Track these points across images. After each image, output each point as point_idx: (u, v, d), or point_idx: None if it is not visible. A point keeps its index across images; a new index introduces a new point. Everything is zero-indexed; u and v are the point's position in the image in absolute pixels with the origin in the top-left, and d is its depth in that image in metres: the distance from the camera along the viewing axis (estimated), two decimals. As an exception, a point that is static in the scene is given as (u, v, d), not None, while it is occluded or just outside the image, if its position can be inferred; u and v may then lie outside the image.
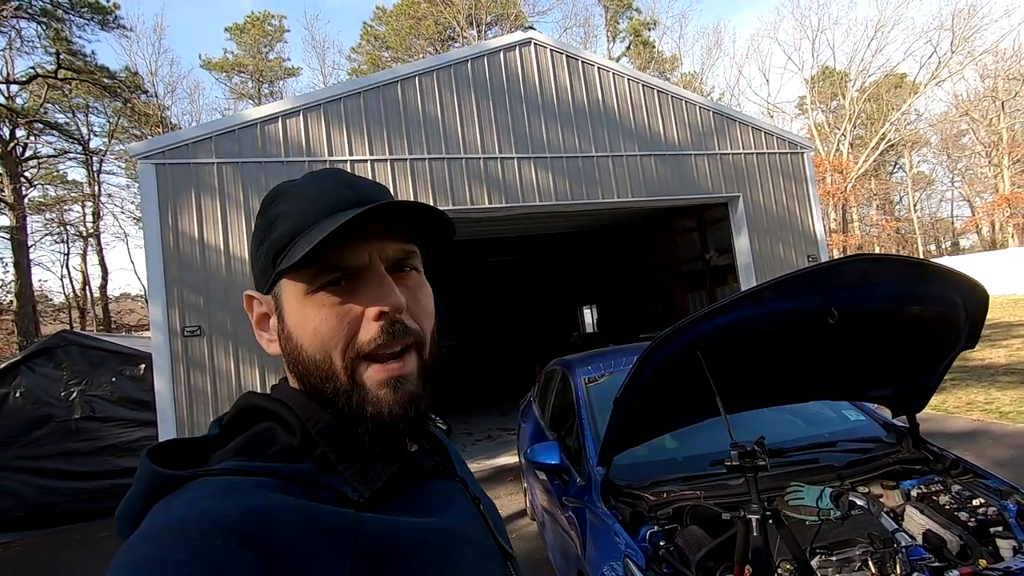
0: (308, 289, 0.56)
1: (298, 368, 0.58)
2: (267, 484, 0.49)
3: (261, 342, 0.63)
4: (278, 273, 0.57)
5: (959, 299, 1.82)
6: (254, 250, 0.62)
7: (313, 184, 0.61)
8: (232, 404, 0.60)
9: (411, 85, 6.55)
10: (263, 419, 0.58)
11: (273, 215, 0.59)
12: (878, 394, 2.28)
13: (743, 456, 1.43)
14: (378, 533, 0.50)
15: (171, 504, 0.46)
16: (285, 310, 0.58)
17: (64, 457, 6.40)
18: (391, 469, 0.57)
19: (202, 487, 0.47)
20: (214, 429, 0.59)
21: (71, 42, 20.18)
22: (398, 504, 0.56)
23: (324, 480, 0.53)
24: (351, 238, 0.55)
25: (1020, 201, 28.80)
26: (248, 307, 0.63)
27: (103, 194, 25.70)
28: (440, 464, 0.65)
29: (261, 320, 0.62)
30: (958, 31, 25.86)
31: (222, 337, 5.59)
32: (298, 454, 0.55)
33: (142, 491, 0.49)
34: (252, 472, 0.50)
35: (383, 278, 0.57)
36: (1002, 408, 6.39)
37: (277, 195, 0.61)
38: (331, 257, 0.55)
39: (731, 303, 1.69)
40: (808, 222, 8.18)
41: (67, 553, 5.59)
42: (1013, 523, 1.83)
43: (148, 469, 0.49)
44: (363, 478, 0.55)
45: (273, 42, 31.44)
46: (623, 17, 33.39)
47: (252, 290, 0.63)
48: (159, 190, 5.60)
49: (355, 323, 0.56)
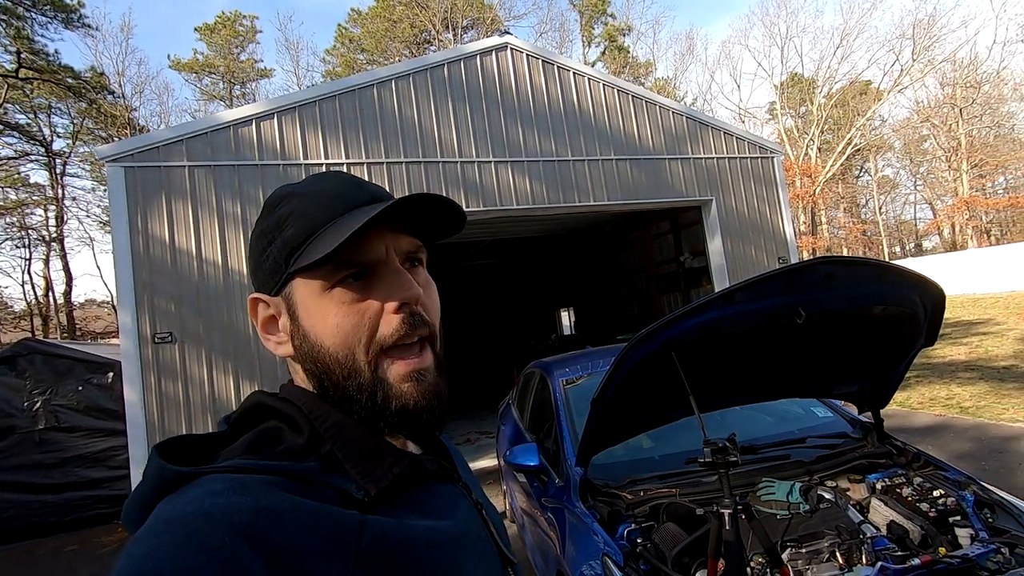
0: (326, 286, 0.57)
1: (317, 366, 0.58)
2: (273, 482, 0.49)
3: (268, 345, 0.63)
4: (291, 272, 0.58)
5: (918, 299, 1.90)
6: (259, 252, 0.61)
7: (320, 183, 0.61)
8: (239, 404, 0.61)
9: (387, 88, 6.52)
10: (271, 417, 0.58)
11: (282, 215, 0.59)
12: (844, 391, 2.37)
13: (715, 453, 1.47)
14: (382, 535, 0.50)
15: (179, 500, 0.46)
16: (300, 309, 0.59)
17: (28, 470, 6.18)
18: (398, 468, 0.57)
19: (209, 484, 0.47)
20: (222, 426, 0.59)
21: (33, 41, 19.56)
22: (402, 506, 0.56)
23: (329, 480, 0.53)
24: (369, 233, 0.56)
25: (978, 204, 29.96)
26: (253, 311, 0.63)
27: (67, 197, 24.89)
28: (444, 467, 0.66)
29: (268, 323, 0.62)
30: (919, 40, 26.82)
31: (194, 343, 5.48)
32: (304, 453, 0.55)
33: (150, 486, 0.49)
34: (258, 470, 0.50)
35: (400, 271, 0.59)
36: (963, 403, 6.65)
37: (283, 196, 0.61)
38: (350, 253, 0.56)
39: (704, 304, 1.74)
40: (779, 224, 8.38)
41: (30, 570, 5.39)
42: (971, 513, 1.91)
43: (156, 464, 0.49)
44: (369, 476, 0.55)
45: (245, 43, 30.91)
46: (598, 23, 33.78)
47: (257, 293, 0.63)
48: (128, 193, 5.47)
49: (375, 317, 0.58)
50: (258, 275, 0.62)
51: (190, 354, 5.46)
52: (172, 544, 0.41)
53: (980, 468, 4.53)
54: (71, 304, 25.30)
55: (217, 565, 0.40)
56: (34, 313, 25.45)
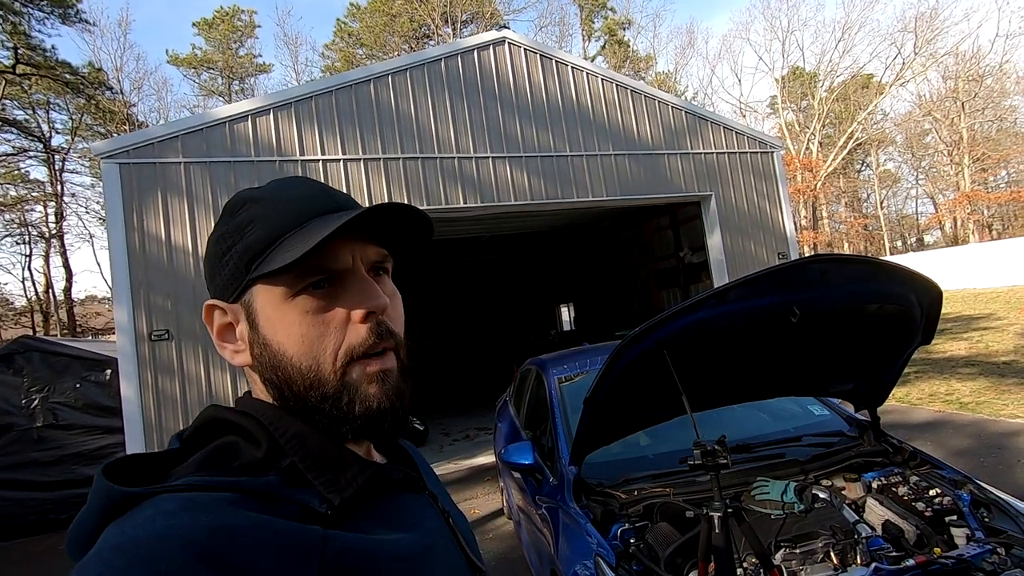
0: (288, 293, 0.55)
1: (277, 376, 0.56)
2: (230, 499, 0.47)
3: (224, 354, 0.61)
4: (251, 279, 0.56)
5: (914, 297, 1.88)
6: (217, 258, 0.59)
7: (285, 189, 0.60)
8: (196, 415, 0.59)
9: (384, 84, 6.48)
10: (227, 432, 0.56)
11: (243, 220, 0.57)
12: (840, 389, 2.35)
13: (705, 455, 1.46)
14: (346, 550, 0.49)
15: (128, 522, 0.44)
16: (260, 317, 0.57)
17: (25, 467, 6.18)
18: (362, 477, 0.56)
19: (161, 504, 0.45)
20: (174, 443, 0.57)
21: (30, 36, 19.49)
22: (367, 517, 0.55)
23: (290, 494, 0.51)
24: (336, 241, 0.55)
25: (980, 198, 29.87)
26: (208, 318, 0.61)
27: (66, 194, 24.86)
28: (409, 476, 0.64)
29: (224, 330, 0.60)
30: (921, 34, 26.68)
31: (191, 341, 5.47)
32: (263, 467, 0.53)
33: (96, 509, 0.46)
34: (214, 487, 0.48)
35: (367, 280, 0.58)
36: (962, 399, 6.63)
37: (243, 201, 0.59)
38: (316, 260, 0.54)
39: (697, 303, 1.71)
40: (779, 220, 8.35)
41: (28, 567, 5.40)
42: (967, 512, 1.90)
43: (103, 486, 0.47)
44: (333, 487, 0.53)
45: (243, 38, 30.79)
46: (598, 16, 33.61)
47: (213, 300, 0.60)
48: (124, 190, 5.45)
49: (342, 327, 0.56)
50: (215, 280, 0.60)
51: (186, 351, 5.45)
52: (122, 570, 0.39)
53: (979, 464, 4.51)
54: (71, 300, 25.33)
55: None
56: (34, 310, 25.49)
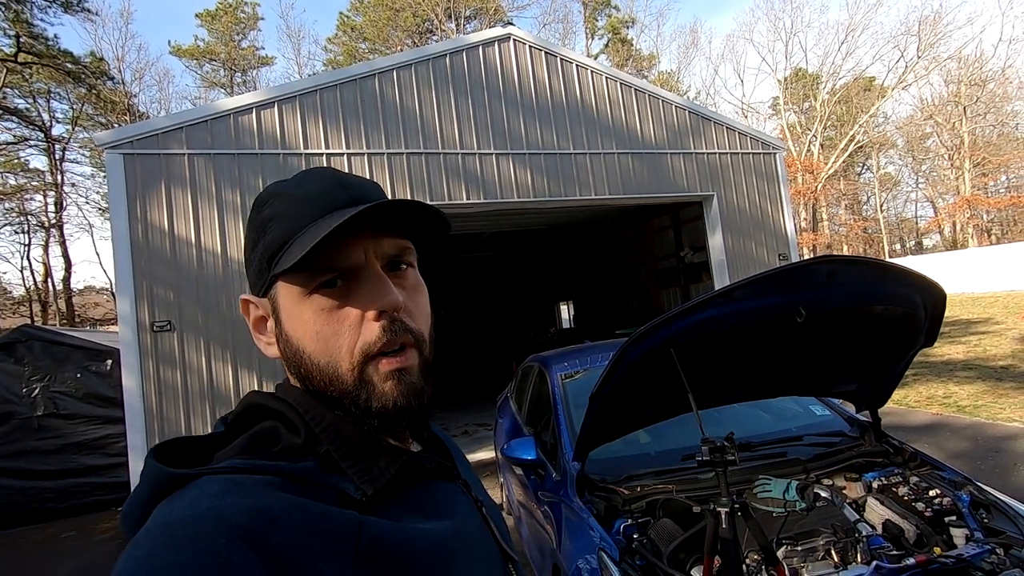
0: (304, 291, 0.56)
1: (300, 371, 0.58)
2: (271, 483, 0.49)
3: (259, 345, 0.63)
4: (273, 276, 0.57)
5: (919, 299, 1.89)
6: (248, 253, 0.61)
7: (304, 184, 0.60)
8: (237, 403, 0.60)
9: (389, 78, 6.48)
10: (267, 418, 0.58)
11: (266, 217, 0.59)
12: (843, 390, 2.36)
13: (713, 451, 1.47)
14: (381, 536, 0.50)
15: (176, 502, 0.46)
16: (282, 313, 0.58)
17: (26, 456, 6.19)
18: (394, 467, 0.57)
19: (206, 485, 0.47)
20: (219, 427, 0.59)
21: (32, 25, 19.39)
22: (400, 505, 0.56)
23: (327, 479, 0.53)
24: (345, 238, 0.55)
25: (980, 203, 29.89)
26: (244, 311, 0.63)
27: (66, 183, 24.81)
28: (443, 465, 0.65)
29: (258, 323, 0.62)
30: (924, 37, 26.65)
31: (193, 332, 5.47)
32: (301, 453, 0.54)
33: (148, 489, 0.49)
34: (256, 470, 0.49)
35: (380, 277, 0.58)
36: (960, 402, 6.66)
37: (268, 196, 0.60)
38: (326, 258, 0.55)
39: (703, 302, 1.73)
40: (780, 221, 8.36)
41: (28, 555, 5.41)
42: (966, 513, 1.92)
43: (153, 467, 0.49)
44: (366, 476, 0.55)
45: (246, 30, 30.68)
46: (601, 14, 33.53)
47: (248, 294, 0.63)
48: (127, 181, 5.44)
49: (356, 325, 0.56)
50: (248, 275, 0.62)
51: (188, 342, 5.46)
52: (170, 547, 0.41)
53: (976, 468, 4.54)
54: (70, 290, 25.29)
55: (215, 567, 0.40)
56: (33, 299, 25.44)
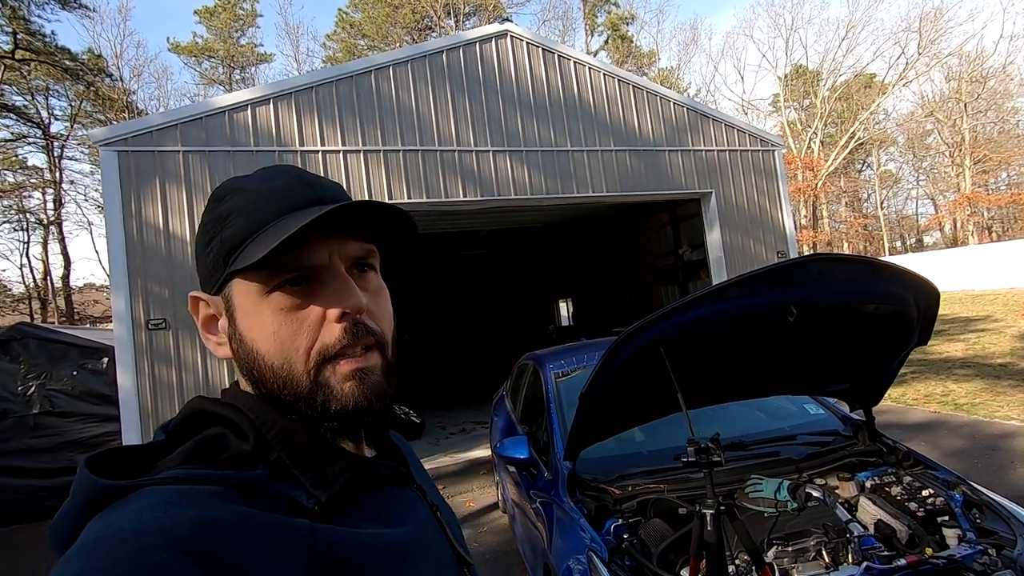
0: (263, 289, 0.54)
1: (252, 373, 0.56)
2: (217, 493, 0.46)
3: (209, 345, 0.60)
4: (230, 273, 0.55)
5: (912, 297, 1.87)
6: (202, 248, 0.58)
7: (267, 180, 0.58)
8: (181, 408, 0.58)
9: (385, 75, 6.45)
10: (213, 424, 0.55)
11: (224, 211, 0.56)
12: (836, 389, 2.35)
13: (699, 452, 1.46)
14: (334, 544, 0.49)
15: (112, 515, 0.43)
16: (237, 312, 0.56)
17: (21, 454, 6.18)
18: (348, 474, 0.55)
19: (146, 497, 0.44)
20: (159, 435, 0.56)
21: (29, 21, 19.35)
22: (355, 512, 0.55)
23: (278, 488, 0.51)
24: (311, 237, 0.53)
25: (980, 200, 29.87)
26: (194, 309, 0.60)
27: (65, 180, 24.79)
28: (397, 470, 0.64)
29: (208, 322, 0.60)
30: (925, 33, 26.58)
31: (188, 330, 5.46)
32: (250, 461, 0.52)
33: (80, 503, 0.46)
34: (200, 480, 0.47)
35: (343, 278, 0.56)
36: (957, 400, 6.65)
37: (228, 191, 0.58)
38: (290, 256, 0.53)
39: (694, 301, 1.71)
40: (779, 218, 8.34)
41: (22, 553, 5.41)
42: (959, 513, 1.90)
43: (86, 479, 0.46)
44: (320, 482, 0.53)
45: (245, 26, 30.61)
46: (601, 11, 33.43)
47: (197, 291, 0.60)
48: (122, 178, 5.42)
49: (316, 326, 0.55)
50: (200, 271, 0.60)
51: (183, 340, 5.45)
52: (106, 563, 0.38)
53: (972, 466, 4.53)
54: (69, 288, 25.30)
55: None
56: (32, 297, 25.44)
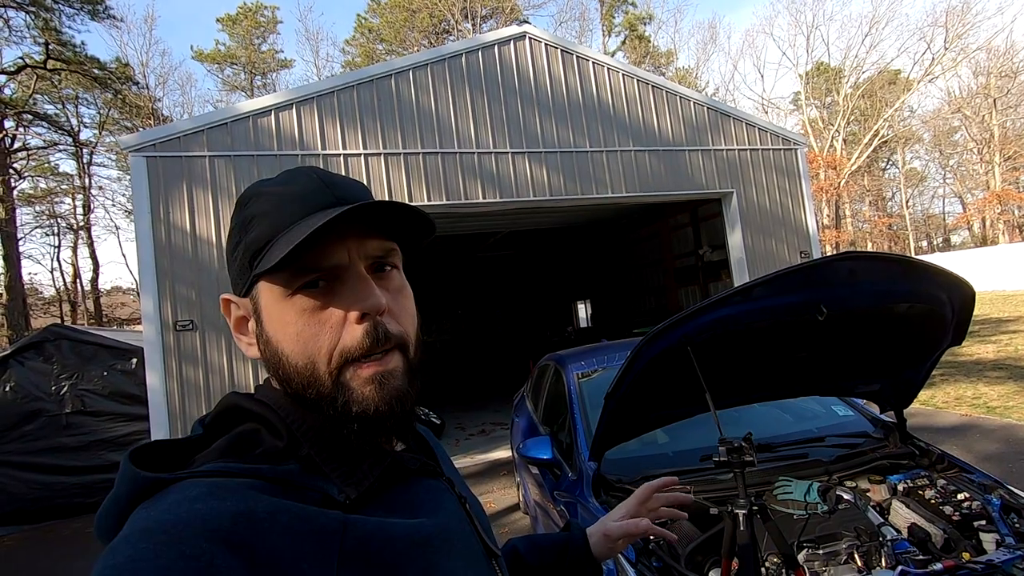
0: (286, 292, 0.55)
1: (279, 373, 0.57)
2: (253, 486, 0.48)
3: (240, 346, 0.62)
4: (255, 276, 0.56)
5: (946, 296, 1.83)
6: (230, 252, 0.60)
7: (288, 183, 0.59)
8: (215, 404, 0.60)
9: (405, 78, 6.51)
10: (247, 420, 0.57)
11: (248, 216, 0.58)
12: (866, 390, 2.30)
13: (731, 452, 1.44)
14: (365, 535, 0.50)
15: (154, 507, 0.45)
16: (263, 314, 0.57)
17: (54, 452, 6.37)
18: (377, 470, 0.56)
19: (186, 489, 0.46)
20: (197, 429, 0.58)
21: (60, 32, 19.89)
22: (385, 505, 0.56)
23: (310, 481, 0.52)
24: (329, 238, 0.54)
25: (1011, 198, 29.03)
26: (225, 310, 0.62)
27: (94, 186, 25.51)
28: (426, 464, 0.65)
29: (239, 323, 0.61)
30: (952, 28, 25.97)
31: (215, 331, 5.57)
32: (284, 456, 0.54)
33: (124, 494, 0.48)
34: (237, 474, 0.49)
35: (363, 278, 0.57)
36: (990, 403, 6.47)
37: (252, 195, 0.59)
38: (310, 258, 0.54)
39: (721, 300, 1.70)
40: (801, 218, 8.21)
41: (55, 549, 5.56)
42: (996, 517, 1.85)
43: (129, 472, 0.48)
44: (349, 479, 0.54)
45: (266, 33, 31.14)
46: (619, 11, 33.29)
47: (229, 293, 0.62)
48: (150, 183, 5.56)
49: (337, 327, 0.55)
50: (230, 274, 0.61)
51: (210, 341, 5.55)
52: (150, 553, 0.40)
53: (1008, 471, 4.40)
54: (98, 291, 25.97)
55: (197, 571, 0.40)
56: (63, 299, 26.16)
